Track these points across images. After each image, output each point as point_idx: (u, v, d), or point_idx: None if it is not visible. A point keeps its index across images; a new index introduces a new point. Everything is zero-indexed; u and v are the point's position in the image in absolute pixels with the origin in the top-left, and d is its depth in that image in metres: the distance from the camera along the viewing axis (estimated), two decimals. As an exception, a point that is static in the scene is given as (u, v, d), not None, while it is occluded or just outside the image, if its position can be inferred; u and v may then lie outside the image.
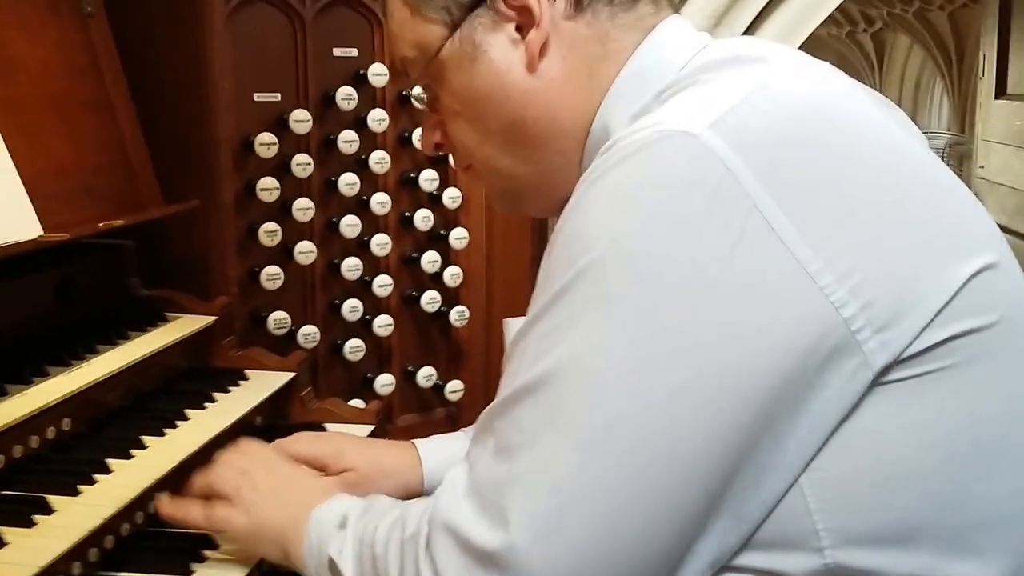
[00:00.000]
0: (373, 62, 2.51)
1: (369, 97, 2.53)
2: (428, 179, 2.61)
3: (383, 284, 2.56)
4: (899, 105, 1.42)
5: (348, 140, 2.46)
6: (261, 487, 1.54)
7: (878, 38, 13.40)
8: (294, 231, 2.42)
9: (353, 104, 2.47)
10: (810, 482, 1.18)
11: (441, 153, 1.53)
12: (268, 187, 2.34)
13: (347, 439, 1.86)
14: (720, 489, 1.16)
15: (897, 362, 1.17)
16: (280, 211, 2.39)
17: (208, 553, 1.58)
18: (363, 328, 2.56)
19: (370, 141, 2.52)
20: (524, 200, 1.52)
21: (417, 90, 1.49)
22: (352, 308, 2.51)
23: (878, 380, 1.17)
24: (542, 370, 1.19)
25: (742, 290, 1.14)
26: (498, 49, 1.39)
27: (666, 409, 1.14)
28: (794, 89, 1.26)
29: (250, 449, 1.67)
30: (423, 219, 2.62)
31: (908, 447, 1.19)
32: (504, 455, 1.20)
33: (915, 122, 1.44)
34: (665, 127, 1.19)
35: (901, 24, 12.01)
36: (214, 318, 2.21)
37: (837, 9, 4.33)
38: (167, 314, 2.19)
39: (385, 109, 2.53)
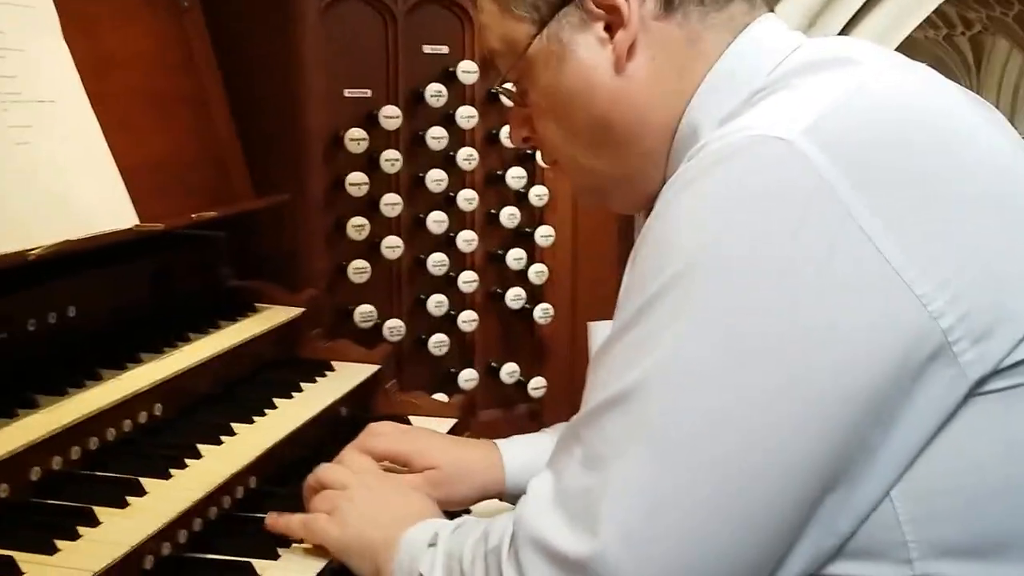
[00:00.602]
0: (463, 59, 2.53)
1: (458, 94, 2.55)
2: (515, 176, 2.62)
3: (468, 280, 2.58)
4: (996, 111, 1.39)
5: (437, 136, 2.48)
6: (358, 503, 1.56)
7: (976, 41, 13.10)
8: (382, 226, 2.44)
9: (442, 101, 2.49)
10: (901, 493, 1.16)
11: (528, 149, 1.53)
12: (357, 182, 2.37)
13: (430, 436, 1.87)
14: (812, 499, 1.15)
15: (993, 373, 1.15)
16: (368, 206, 2.42)
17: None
18: (448, 323, 2.58)
19: (458, 138, 2.54)
20: (608, 197, 1.51)
21: (506, 85, 1.49)
22: (437, 303, 2.53)
23: (973, 391, 1.15)
24: (631, 380, 1.17)
25: (837, 299, 1.13)
26: (586, 48, 1.38)
27: (757, 419, 1.13)
28: (889, 92, 1.24)
29: (352, 463, 1.69)
30: (509, 216, 2.63)
31: (1001, 459, 1.17)
32: (592, 465, 1.19)
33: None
34: (757, 132, 1.18)
35: (1000, 28, 11.73)
36: (302, 310, 2.24)
37: (934, 11, 4.25)
38: (256, 305, 2.23)
39: (474, 106, 2.55)
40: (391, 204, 2.42)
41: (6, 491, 1.41)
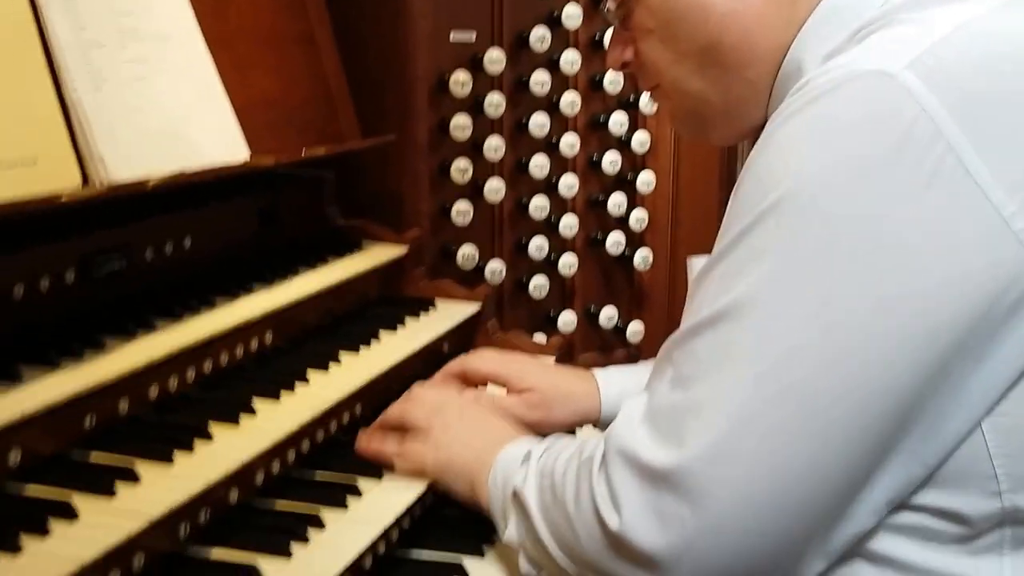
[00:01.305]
0: (568, 3, 2.53)
1: (562, 39, 2.55)
2: (617, 122, 2.63)
3: (569, 224, 2.60)
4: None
5: (540, 81, 2.50)
6: (452, 426, 1.62)
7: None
8: (484, 169, 2.47)
9: (547, 45, 2.50)
10: (992, 426, 1.17)
11: (626, 71, 1.53)
12: (461, 125, 2.40)
13: (530, 361, 1.92)
14: (897, 428, 1.16)
15: None
16: (471, 149, 2.44)
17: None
18: (548, 266, 2.61)
19: (562, 82, 2.55)
20: (708, 125, 1.50)
21: (611, 4, 1.49)
22: (538, 246, 2.56)
23: None
24: (723, 304, 1.20)
25: (932, 232, 1.13)
26: None
27: (844, 346, 1.14)
28: (998, 28, 1.23)
29: (443, 391, 1.75)
30: (611, 162, 2.64)
31: None
32: (681, 384, 1.22)
33: None
34: (861, 66, 1.18)
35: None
36: (406, 248, 2.29)
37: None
38: (362, 243, 2.28)
39: (578, 50, 2.55)
40: (494, 148, 2.44)
41: (126, 406, 1.48)
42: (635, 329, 2.75)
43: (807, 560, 1.20)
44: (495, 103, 2.44)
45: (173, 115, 1.76)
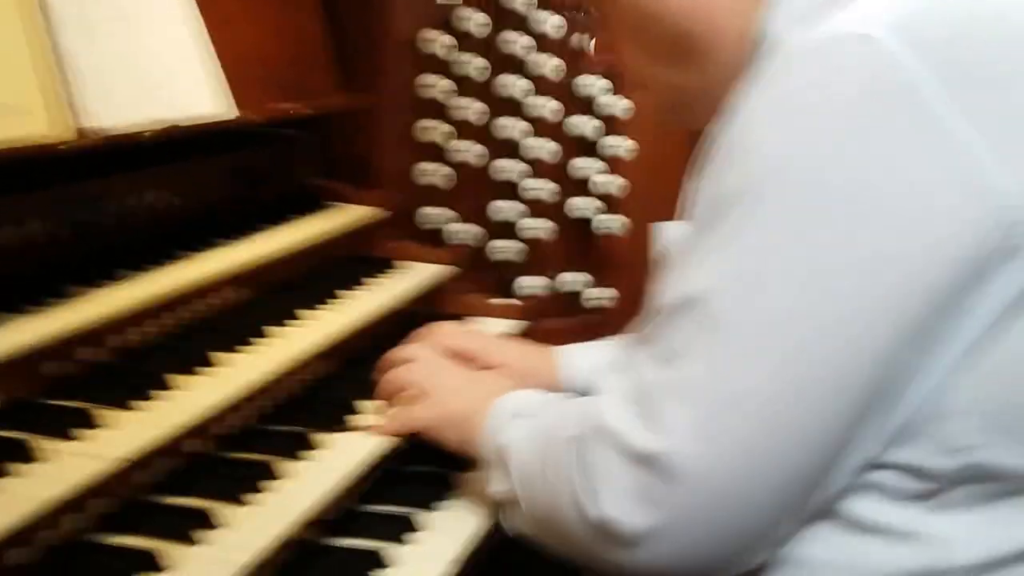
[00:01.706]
0: (549, -34, 2.53)
1: (543, 1, 2.55)
2: (593, 85, 2.63)
3: (537, 188, 2.61)
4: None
5: (514, 43, 2.50)
6: (448, 383, 1.64)
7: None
8: (455, 131, 2.48)
9: (524, 7, 2.50)
10: (967, 383, 1.18)
11: (613, 73, 1.56)
12: (432, 85, 2.41)
13: (492, 337, 1.93)
14: (878, 392, 1.16)
15: None
16: (442, 110, 2.45)
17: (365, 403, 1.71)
18: (517, 230, 2.62)
19: (542, 45, 2.56)
20: (694, 113, 1.49)
21: (585, 15, 1.52)
22: (508, 209, 2.57)
23: None
24: (705, 280, 1.19)
25: (915, 197, 1.13)
26: None
27: (833, 314, 1.14)
28: None
29: (434, 355, 1.77)
30: (583, 125, 2.65)
31: None
32: (665, 362, 1.21)
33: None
34: (840, 30, 1.17)
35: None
36: (375, 209, 2.31)
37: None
38: (332, 203, 2.30)
39: (557, 13, 2.56)
40: (465, 109, 2.45)
41: (93, 354, 1.50)
42: (601, 295, 2.77)
43: (782, 527, 1.21)
44: (467, 64, 2.45)
45: (163, 68, 1.77)
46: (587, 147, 2.70)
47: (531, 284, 2.66)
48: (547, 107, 2.57)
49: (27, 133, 1.45)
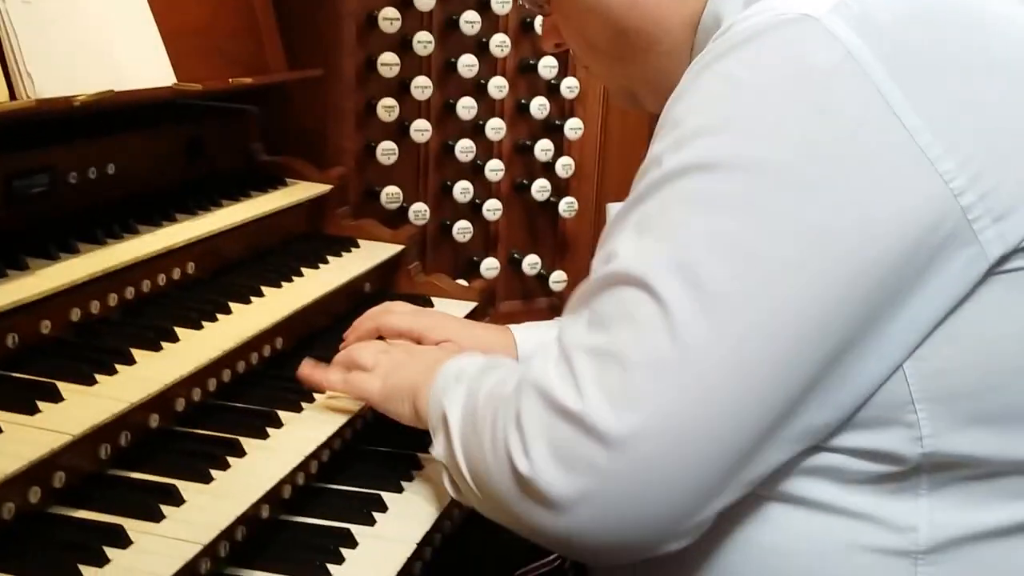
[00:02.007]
0: (498, -55, 2.52)
1: (493, -18, 2.55)
2: (547, 66, 2.63)
3: (495, 169, 2.60)
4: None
5: (470, 21, 2.49)
6: (397, 356, 1.61)
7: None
8: (411, 109, 2.47)
9: (483, -12, 2.49)
10: (915, 371, 1.17)
11: (560, 50, 1.56)
12: (389, 63, 2.39)
13: (443, 315, 1.90)
14: (820, 368, 1.16)
15: (1014, 252, 1.16)
16: (399, 88, 2.44)
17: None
18: (472, 211, 2.62)
19: (492, 24, 2.55)
20: (640, 99, 1.51)
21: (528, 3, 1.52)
22: (463, 190, 2.56)
23: (992, 270, 1.16)
24: (642, 249, 1.18)
25: (857, 174, 1.13)
26: None
27: (768, 288, 1.14)
28: None
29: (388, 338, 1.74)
30: (539, 107, 2.64)
31: (1019, 338, 1.18)
32: (600, 327, 1.20)
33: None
34: (782, 11, 1.17)
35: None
36: (330, 187, 2.28)
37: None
38: (286, 179, 2.26)
39: (513, -3, 2.55)
40: (421, 87, 2.43)
41: (48, 328, 1.46)
42: (558, 277, 2.77)
43: (712, 501, 1.18)
44: (424, 41, 2.43)
45: (101, 37, 1.73)
46: (539, 127, 2.69)
47: (488, 266, 2.65)
48: (497, 86, 2.56)
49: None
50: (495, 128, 2.58)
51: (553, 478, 1.17)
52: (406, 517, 1.53)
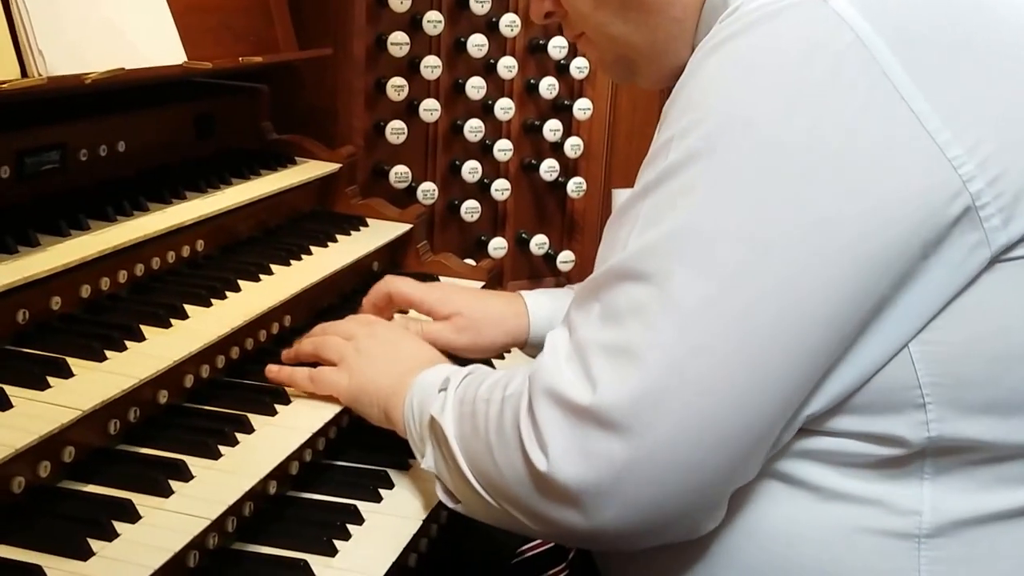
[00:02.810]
0: (509, -72, 2.52)
1: (503, -38, 2.55)
2: (557, 47, 2.63)
3: (504, 148, 2.61)
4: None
5: (480, 1, 2.49)
6: (365, 352, 1.58)
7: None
8: (421, 88, 2.47)
9: (492, -32, 2.49)
10: (921, 355, 1.18)
11: (549, 21, 1.50)
12: (398, 42, 2.39)
13: (454, 287, 1.90)
14: (829, 352, 1.16)
15: (1020, 240, 1.16)
16: (408, 67, 2.44)
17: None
18: (481, 191, 2.62)
19: (502, 4, 2.55)
20: (636, 69, 1.47)
21: None
22: (472, 169, 2.56)
23: (997, 257, 1.16)
24: (653, 239, 1.18)
25: (866, 159, 1.13)
26: None
27: (782, 272, 1.14)
28: None
29: (357, 317, 1.72)
30: (548, 87, 2.64)
31: (1022, 325, 1.19)
32: (612, 320, 1.19)
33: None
34: None
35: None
36: (339, 165, 2.29)
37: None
38: (296, 158, 2.27)
39: (521, -27, 2.55)
40: (431, 67, 2.43)
41: (58, 304, 1.48)
42: (566, 257, 2.77)
43: (730, 482, 1.20)
44: (433, 21, 2.43)
45: (113, 15, 1.74)
46: (548, 107, 2.69)
47: (496, 246, 2.65)
48: (506, 65, 2.56)
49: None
50: (504, 108, 2.58)
51: (575, 473, 1.18)
52: (412, 494, 1.55)
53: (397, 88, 2.41)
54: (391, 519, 1.48)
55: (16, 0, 1.51)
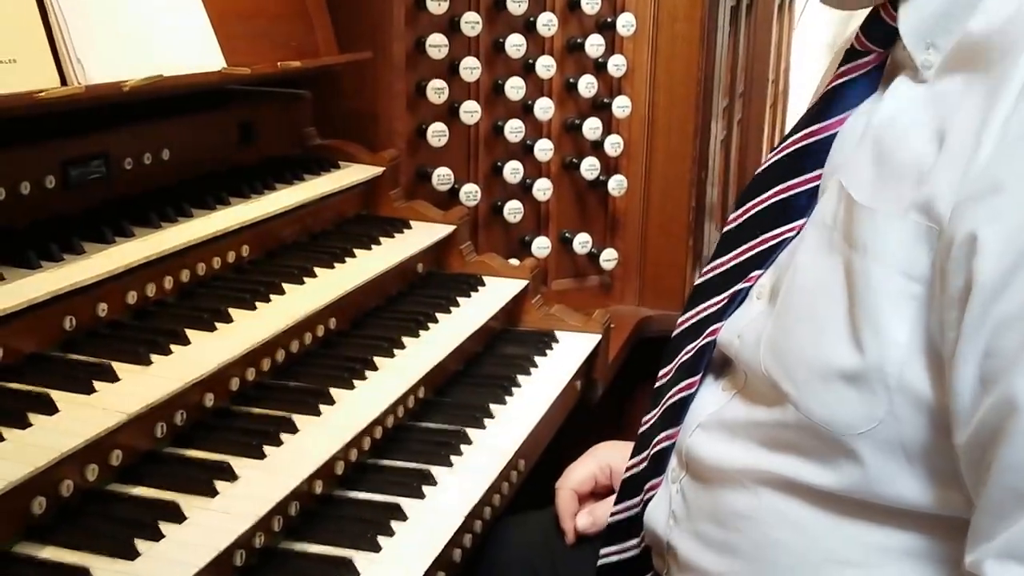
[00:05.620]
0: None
1: (542, -37, 2.55)
2: (594, 45, 2.64)
3: (544, 148, 2.61)
4: None
5: (517, 1, 2.50)
6: None
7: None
8: (461, 90, 2.48)
9: (530, -30, 2.49)
10: None
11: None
12: (437, 44, 2.40)
13: (605, 450, 1.75)
14: None
15: None
16: (448, 70, 2.45)
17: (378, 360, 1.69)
18: (523, 191, 2.62)
19: (539, 4, 2.56)
20: None
21: None
22: (513, 170, 2.57)
23: None
24: None
25: None
26: None
27: None
28: None
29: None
30: (587, 86, 2.64)
31: None
32: None
33: None
34: None
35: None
36: (382, 169, 2.30)
37: None
38: (339, 162, 2.29)
39: (560, -26, 2.56)
40: (470, 68, 2.44)
41: (104, 311, 1.50)
42: (609, 255, 2.77)
43: None
44: (471, 22, 2.44)
45: (151, 22, 1.77)
46: (587, 106, 2.69)
47: (539, 245, 2.66)
48: (544, 65, 2.56)
49: (24, 86, 1.45)
50: (543, 108, 2.58)
51: None
52: (456, 491, 1.56)
53: (437, 91, 2.43)
54: (435, 516, 1.49)
55: (54, 8, 1.54)
